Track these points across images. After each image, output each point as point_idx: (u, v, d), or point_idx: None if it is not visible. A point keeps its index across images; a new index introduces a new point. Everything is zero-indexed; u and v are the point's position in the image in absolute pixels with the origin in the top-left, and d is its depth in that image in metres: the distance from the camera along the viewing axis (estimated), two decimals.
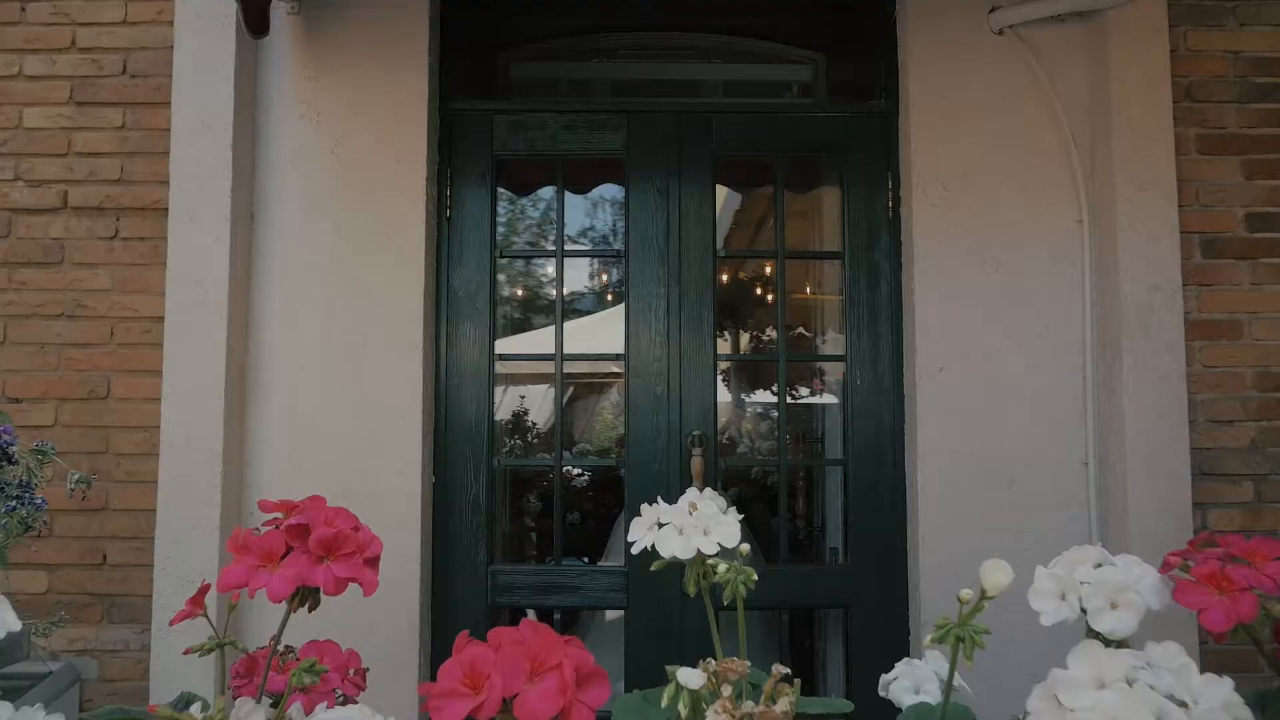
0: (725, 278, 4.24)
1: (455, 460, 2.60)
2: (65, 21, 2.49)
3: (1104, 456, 2.43)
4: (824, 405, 3.49)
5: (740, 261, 4.63)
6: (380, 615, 2.22)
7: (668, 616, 2.54)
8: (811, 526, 3.41)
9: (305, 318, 2.49)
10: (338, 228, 2.51)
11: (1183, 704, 0.61)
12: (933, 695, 0.94)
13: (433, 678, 2.42)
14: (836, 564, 3.02)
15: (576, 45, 3.08)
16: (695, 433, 2.59)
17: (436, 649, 2.51)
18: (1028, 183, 2.51)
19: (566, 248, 2.83)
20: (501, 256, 2.72)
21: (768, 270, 4.15)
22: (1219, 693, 0.62)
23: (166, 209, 2.42)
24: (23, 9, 2.49)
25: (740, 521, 0.90)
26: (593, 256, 3.03)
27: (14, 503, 1.08)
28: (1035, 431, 2.47)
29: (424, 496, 2.48)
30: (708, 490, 0.92)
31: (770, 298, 3.80)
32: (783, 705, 0.70)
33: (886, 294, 2.64)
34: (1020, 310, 2.50)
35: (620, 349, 2.67)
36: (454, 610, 2.54)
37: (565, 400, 3.03)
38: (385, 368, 2.48)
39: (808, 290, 3.88)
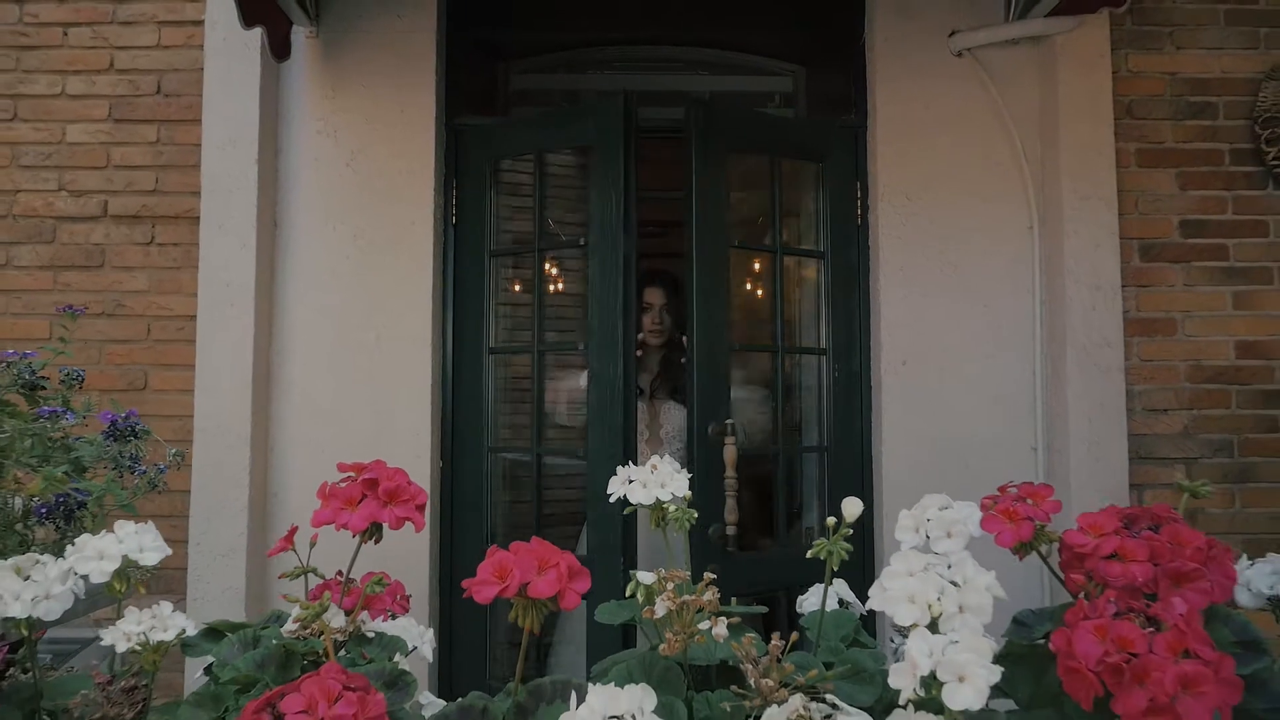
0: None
1: (459, 448, 3.00)
2: (104, 45, 2.89)
3: (1051, 442, 2.83)
4: (803, 395, 3.87)
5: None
6: None
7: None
8: (791, 507, 3.78)
9: (323, 316, 2.89)
10: (353, 233, 2.90)
11: (957, 585, 1.01)
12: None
13: (443, 643, 2.83)
14: (813, 543, 3.39)
15: (573, 58, 3.47)
16: (728, 421, 2.81)
17: (444, 618, 2.91)
18: (984, 192, 2.91)
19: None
20: (492, 257, 3.08)
21: (758, 265, 4.52)
22: (984, 579, 1.02)
23: (198, 217, 2.82)
24: (64, 33, 2.89)
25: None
26: (565, 247, 3.32)
27: (143, 467, 1.49)
28: (989, 420, 2.87)
29: (433, 480, 2.89)
30: (667, 456, 1.31)
31: (760, 292, 4.17)
32: (709, 596, 1.10)
33: (859, 293, 3.03)
34: (977, 309, 2.89)
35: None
36: (459, 582, 2.93)
37: (558, 389, 3.37)
38: (396, 362, 2.88)
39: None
